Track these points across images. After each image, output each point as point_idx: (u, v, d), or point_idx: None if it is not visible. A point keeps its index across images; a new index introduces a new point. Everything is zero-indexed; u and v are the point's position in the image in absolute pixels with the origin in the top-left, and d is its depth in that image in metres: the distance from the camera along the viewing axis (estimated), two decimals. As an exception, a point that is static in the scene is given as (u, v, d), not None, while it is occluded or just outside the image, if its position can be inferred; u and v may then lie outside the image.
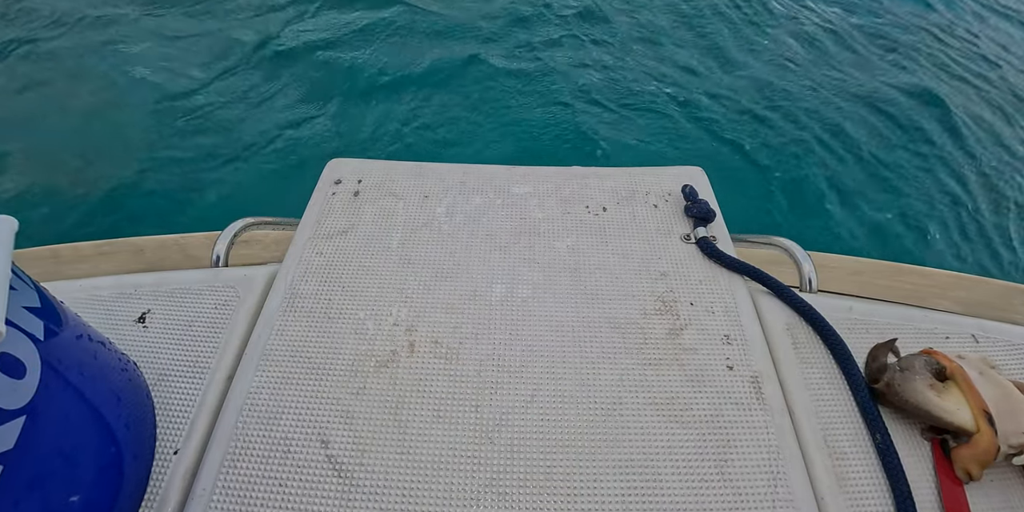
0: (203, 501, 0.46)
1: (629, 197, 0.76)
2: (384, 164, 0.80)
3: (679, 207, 0.75)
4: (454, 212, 0.73)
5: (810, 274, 0.70)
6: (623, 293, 0.64)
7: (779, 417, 0.53)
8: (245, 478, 0.48)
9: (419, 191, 0.76)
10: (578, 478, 0.49)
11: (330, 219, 0.72)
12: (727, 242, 0.70)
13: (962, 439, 0.50)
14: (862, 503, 0.48)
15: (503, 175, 0.79)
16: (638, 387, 0.55)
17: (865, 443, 0.52)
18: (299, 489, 0.47)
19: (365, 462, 0.49)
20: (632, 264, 0.67)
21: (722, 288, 0.65)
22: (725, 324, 0.61)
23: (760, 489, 0.48)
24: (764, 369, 0.57)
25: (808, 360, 0.59)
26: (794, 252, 0.71)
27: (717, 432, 0.52)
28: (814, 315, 0.61)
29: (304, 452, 0.50)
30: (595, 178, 0.79)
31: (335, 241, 0.69)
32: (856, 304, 0.65)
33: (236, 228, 0.73)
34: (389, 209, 0.73)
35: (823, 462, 0.51)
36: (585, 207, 0.74)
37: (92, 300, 0.63)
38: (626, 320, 0.61)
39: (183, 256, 0.86)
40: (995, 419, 0.50)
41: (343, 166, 0.80)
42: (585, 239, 0.70)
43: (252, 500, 0.46)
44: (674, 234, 0.71)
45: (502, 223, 0.72)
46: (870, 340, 0.60)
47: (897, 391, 0.53)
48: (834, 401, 0.55)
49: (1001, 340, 0.62)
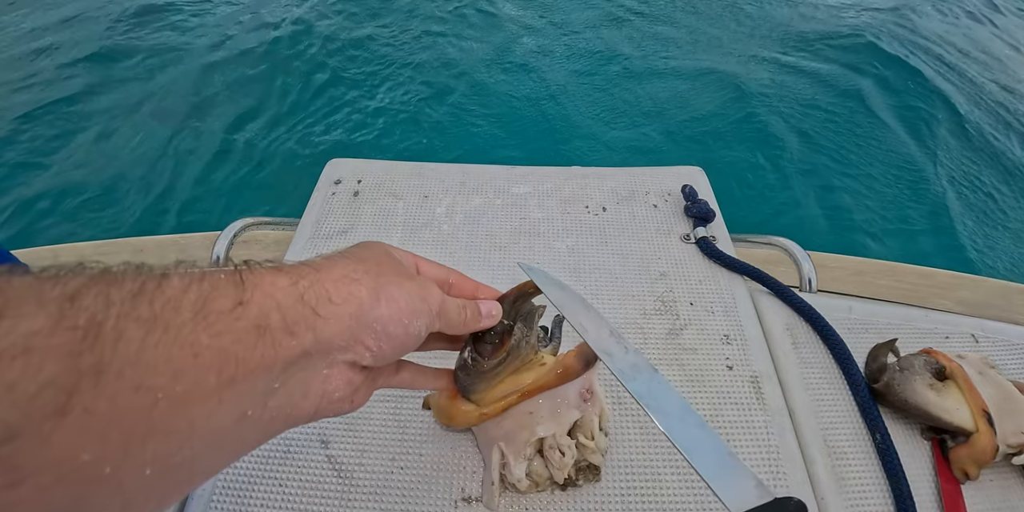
0: (203, 501, 0.46)
1: (629, 197, 0.76)
2: (384, 164, 0.80)
3: (679, 207, 0.75)
4: (454, 212, 0.73)
5: (810, 274, 0.70)
6: (623, 293, 0.64)
7: (779, 417, 0.53)
8: (245, 478, 0.48)
9: (419, 191, 0.76)
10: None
11: (330, 219, 0.72)
12: (727, 242, 0.70)
13: (960, 439, 0.50)
14: (862, 503, 0.48)
15: (503, 175, 0.79)
16: (638, 387, 0.55)
17: (865, 443, 0.52)
18: (299, 489, 0.47)
19: (365, 462, 0.49)
20: (632, 264, 0.67)
21: (722, 288, 0.65)
22: (725, 324, 0.61)
23: (760, 489, 0.48)
24: (764, 369, 0.57)
25: (808, 360, 0.59)
26: (794, 252, 0.71)
27: (717, 432, 0.52)
28: (814, 315, 0.61)
29: (304, 452, 0.50)
30: (595, 178, 0.79)
31: (335, 241, 0.69)
32: (856, 304, 0.65)
33: (236, 228, 0.73)
34: (389, 209, 0.73)
35: (823, 462, 0.51)
36: (585, 207, 0.74)
37: (92, 300, 0.63)
38: (626, 320, 0.61)
39: (183, 256, 0.86)
40: (994, 419, 0.50)
41: (343, 166, 0.80)
42: (585, 239, 0.70)
43: (252, 500, 0.46)
44: (674, 234, 0.71)
45: (502, 223, 0.72)
46: (870, 340, 0.60)
47: (896, 391, 0.53)
48: (834, 401, 0.55)
49: (1001, 340, 0.62)
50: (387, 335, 0.28)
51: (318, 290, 0.25)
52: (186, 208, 2.07)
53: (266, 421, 0.24)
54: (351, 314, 0.26)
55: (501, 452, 0.44)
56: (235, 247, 0.73)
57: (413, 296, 0.29)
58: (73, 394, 0.17)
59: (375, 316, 0.27)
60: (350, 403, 0.29)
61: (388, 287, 0.28)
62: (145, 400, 0.19)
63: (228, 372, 0.21)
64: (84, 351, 0.17)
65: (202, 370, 0.20)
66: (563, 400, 0.44)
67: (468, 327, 0.36)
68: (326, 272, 0.27)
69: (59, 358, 0.17)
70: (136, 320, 0.19)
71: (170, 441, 0.20)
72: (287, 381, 0.24)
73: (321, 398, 0.26)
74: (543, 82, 2.62)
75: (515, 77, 2.65)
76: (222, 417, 0.21)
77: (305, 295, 0.25)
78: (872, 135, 2.45)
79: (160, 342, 0.19)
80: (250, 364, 0.22)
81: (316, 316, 0.24)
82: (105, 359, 0.18)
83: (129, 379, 0.18)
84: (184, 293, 0.21)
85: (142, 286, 0.20)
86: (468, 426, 0.47)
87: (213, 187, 2.15)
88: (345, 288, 0.26)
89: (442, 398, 0.46)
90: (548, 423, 0.43)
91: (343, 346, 0.26)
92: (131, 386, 0.18)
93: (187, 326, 0.20)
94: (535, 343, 0.44)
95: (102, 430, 0.18)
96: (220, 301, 0.22)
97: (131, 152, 2.24)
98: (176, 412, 0.19)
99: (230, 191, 2.14)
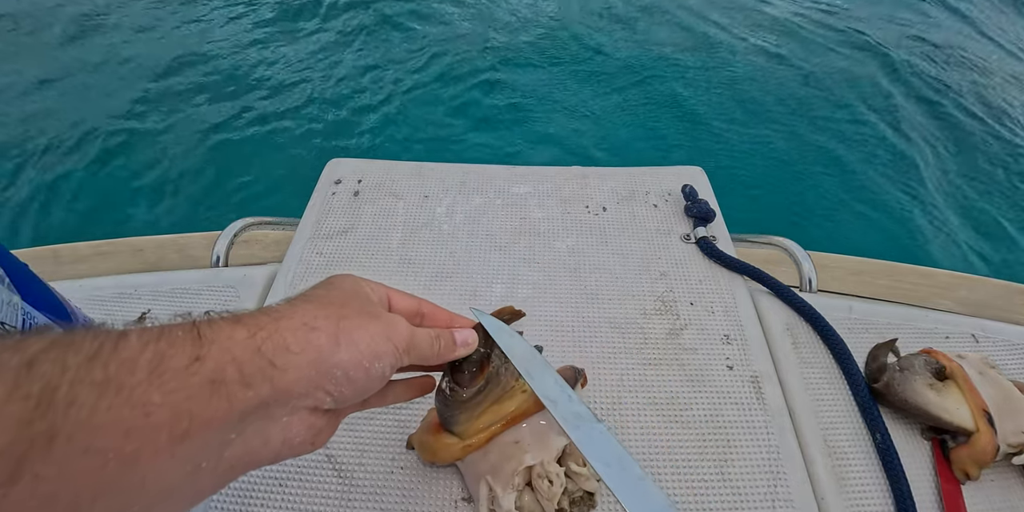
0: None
1: (629, 197, 0.76)
2: (384, 164, 0.80)
3: (679, 207, 0.74)
4: (454, 212, 0.73)
5: (810, 274, 0.70)
6: (623, 293, 0.64)
7: (779, 417, 0.53)
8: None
9: (419, 191, 0.76)
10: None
11: (330, 219, 0.72)
12: (727, 242, 0.70)
13: (960, 439, 0.50)
14: (862, 503, 0.48)
15: (503, 175, 0.79)
16: (638, 387, 0.55)
17: (865, 443, 0.52)
18: (299, 489, 0.47)
19: (365, 462, 0.49)
20: (632, 264, 0.67)
21: (722, 288, 0.65)
22: (725, 324, 0.61)
23: (760, 489, 0.48)
24: (764, 369, 0.57)
25: (808, 360, 0.59)
26: (794, 252, 0.71)
27: (717, 432, 0.52)
28: (814, 315, 0.61)
29: (304, 452, 0.49)
30: (595, 178, 0.79)
31: (335, 241, 0.69)
32: (856, 304, 0.65)
33: (236, 228, 0.73)
34: (389, 209, 0.73)
35: (823, 462, 0.51)
36: (585, 207, 0.74)
37: (92, 300, 0.63)
38: (626, 320, 0.61)
39: (182, 256, 0.86)
40: (994, 419, 0.50)
41: (343, 166, 0.80)
42: (585, 239, 0.70)
43: (252, 500, 0.46)
44: (674, 234, 0.71)
45: (502, 223, 0.72)
46: (870, 340, 0.60)
47: (897, 391, 0.53)
48: (834, 401, 0.55)
49: (1001, 340, 0.63)
50: (348, 379, 0.27)
51: (276, 340, 0.25)
52: (186, 208, 2.07)
53: (222, 471, 0.24)
54: (310, 362, 0.26)
55: (489, 486, 0.42)
56: (235, 247, 0.73)
57: (377, 337, 0.29)
58: (23, 461, 0.17)
59: (335, 362, 0.27)
60: (311, 445, 0.29)
61: (350, 331, 0.28)
62: (94, 462, 0.19)
63: (180, 428, 0.21)
64: (36, 419, 0.18)
65: (153, 429, 0.20)
66: (549, 426, 0.43)
67: (443, 357, 0.35)
68: (286, 321, 0.27)
69: (11, 427, 0.17)
70: (90, 384, 0.19)
71: (121, 498, 0.20)
72: (243, 431, 0.24)
73: (282, 445, 0.27)
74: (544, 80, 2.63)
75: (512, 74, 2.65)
76: (175, 471, 0.22)
77: (263, 347, 0.25)
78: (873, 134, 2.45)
79: (112, 405, 0.19)
80: (203, 418, 0.22)
81: (273, 367, 0.25)
82: (56, 425, 0.18)
83: (79, 442, 0.19)
84: (140, 353, 0.21)
85: (99, 349, 0.20)
86: (452, 460, 0.44)
87: (213, 187, 2.15)
88: (303, 336, 0.26)
89: (425, 434, 0.45)
90: (535, 451, 0.42)
91: (303, 393, 0.26)
92: (80, 449, 0.19)
93: (140, 386, 0.20)
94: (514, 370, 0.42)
95: (51, 493, 0.18)
96: (176, 358, 0.22)
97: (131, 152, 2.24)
98: (126, 470, 0.20)
99: (230, 191, 2.14)
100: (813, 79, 2.71)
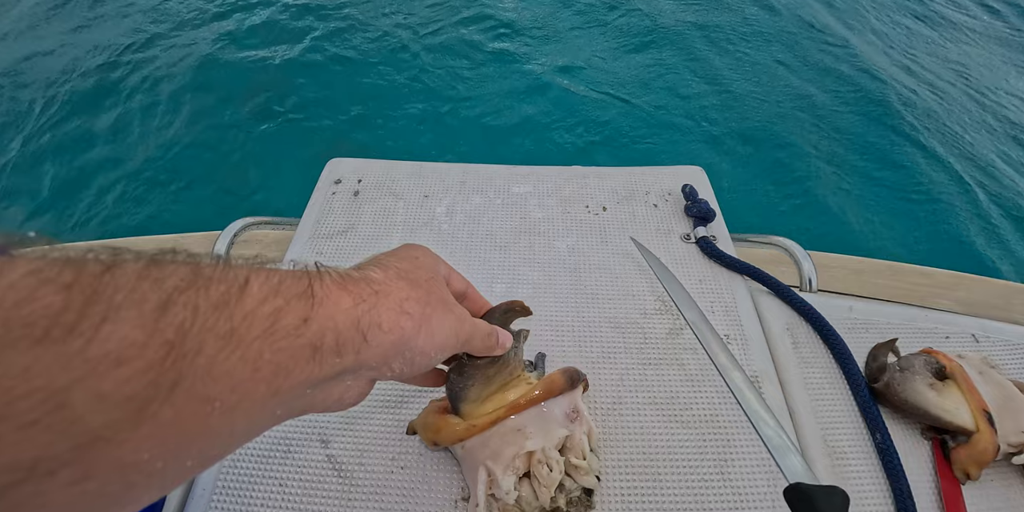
0: (203, 501, 0.46)
1: (629, 196, 0.76)
2: (384, 164, 0.80)
3: (679, 206, 0.74)
4: (454, 212, 0.73)
5: (810, 274, 0.70)
6: (623, 292, 0.64)
7: (779, 417, 0.53)
8: (245, 478, 0.48)
9: (419, 191, 0.76)
10: (578, 478, 0.48)
11: (330, 219, 0.72)
12: (727, 242, 0.70)
13: (961, 439, 0.50)
14: (862, 503, 0.48)
15: (503, 174, 0.79)
16: (638, 387, 0.55)
17: (865, 443, 0.52)
18: (299, 489, 0.47)
19: (365, 462, 0.49)
20: (632, 263, 0.67)
21: (722, 288, 0.65)
22: (725, 324, 0.61)
23: (760, 489, 0.48)
24: (764, 369, 0.57)
25: (808, 360, 0.59)
26: (794, 252, 0.71)
27: (717, 432, 0.52)
28: (814, 315, 0.61)
29: (304, 452, 0.49)
30: (595, 177, 0.79)
31: (335, 241, 0.69)
32: (856, 304, 0.65)
33: (236, 228, 0.73)
34: (389, 209, 0.73)
35: (823, 462, 0.51)
36: (585, 206, 0.74)
37: (92, 300, 0.63)
38: (626, 320, 0.61)
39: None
40: (995, 418, 0.50)
41: (343, 165, 0.80)
42: (585, 239, 0.70)
43: (252, 500, 0.46)
44: (674, 234, 0.71)
45: (502, 223, 0.72)
46: (870, 340, 0.60)
47: (897, 391, 0.53)
48: (834, 401, 0.55)
49: (1001, 340, 0.62)
50: (412, 362, 0.30)
51: (373, 316, 0.27)
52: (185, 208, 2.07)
53: (284, 418, 0.26)
54: (393, 342, 0.28)
55: (488, 470, 0.42)
56: (235, 246, 0.73)
57: (448, 332, 0.32)
58: (148, 405, 0.18)
59: (411, 346, 0.29)
60: (352, 404, 0.31)
61: (431, 320, 0.31)
62: (204, 409, 0.20)
63: (277, 384, 0.23)
64: (168, 366, 0.19)
65: (256, 383, 0.22)
66: (551, 417, 0.44)
67: (486, 352, 0.39)
68: (383, 297, 0.29)
69: (145, 372, 0.18)
70: (215, 335, 0.21)
71: (213, 441, 0.22)
72: (316, 389, 0.26)
73: (335, 402, 0.29)
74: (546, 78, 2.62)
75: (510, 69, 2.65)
76: (258, 420, 0.24)
77: (361, 320, 0.27)
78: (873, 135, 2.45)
79: (230, 357, 0.21)
80: (298, 378, 0.24)
81: (364, 342, 0.27)
82: (183, 372, 0.19)
83: (198, 391, 0.20)
84: (260, 306, 0.23)
85: (226, 296, 0.21)
86: (455, 440, 0.44)
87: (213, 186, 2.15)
88: (395, 318, 0.29)
89: (428, 415, 0.46)
90: (537, 438, 0.42)
91: (374, 366, 0.28)
92: (197, 398, 0.20)
93: (256, 342, 0.22)
94: (523, 359, 0.45)
95: (165, 435, 0.19)
96: (289, 317, 0.23)
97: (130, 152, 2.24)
98: (224, 418, 0.21)
99: (229, 190, 2.14)
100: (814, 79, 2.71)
